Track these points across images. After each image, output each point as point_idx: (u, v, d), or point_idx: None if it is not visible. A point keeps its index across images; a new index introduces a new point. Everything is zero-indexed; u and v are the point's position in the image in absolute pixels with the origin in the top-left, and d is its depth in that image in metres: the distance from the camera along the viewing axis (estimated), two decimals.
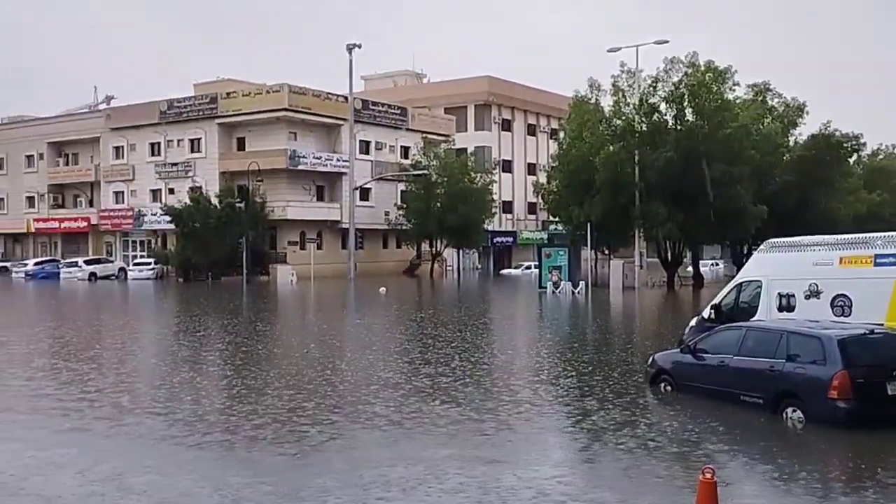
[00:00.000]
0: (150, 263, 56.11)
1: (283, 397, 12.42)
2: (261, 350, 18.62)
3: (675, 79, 39.52)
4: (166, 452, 9.32)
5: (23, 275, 57.10)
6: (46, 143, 66.33)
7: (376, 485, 7.83)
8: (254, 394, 12.82)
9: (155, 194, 59.92)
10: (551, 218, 56.47)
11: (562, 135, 50.39)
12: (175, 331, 23.39)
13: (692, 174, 37.77)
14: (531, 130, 74.77)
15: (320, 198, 58.59)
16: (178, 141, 58.83)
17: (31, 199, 67.73)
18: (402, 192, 59.81)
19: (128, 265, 58.23)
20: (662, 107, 40.43)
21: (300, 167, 55.16)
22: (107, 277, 55.37)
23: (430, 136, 61.77)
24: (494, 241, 67.81)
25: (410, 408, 11.61)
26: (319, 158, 56.61)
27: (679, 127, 39.94)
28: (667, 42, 42.01)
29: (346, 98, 55.28)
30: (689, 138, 38.63)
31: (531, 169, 73.03)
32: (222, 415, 11.29)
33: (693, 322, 15.09)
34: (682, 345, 12.93)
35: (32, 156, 67.45)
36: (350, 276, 49.68)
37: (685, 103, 39.61)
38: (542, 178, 58.14)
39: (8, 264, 63.88)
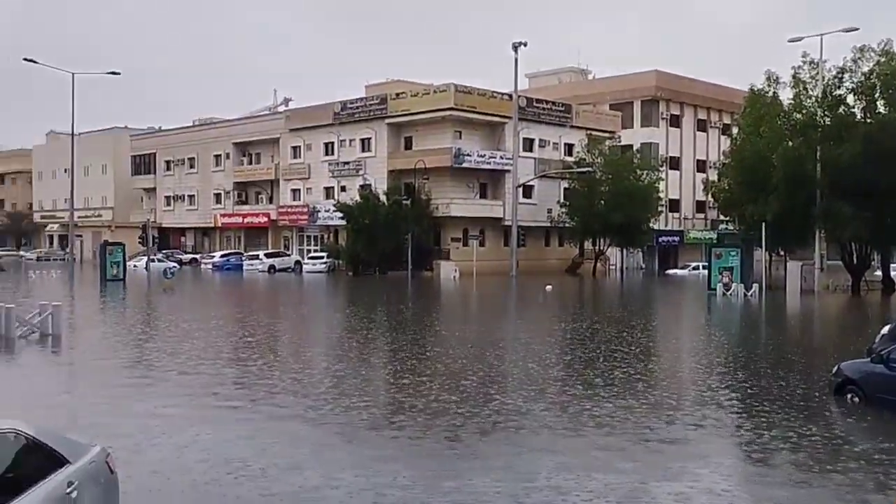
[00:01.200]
0: (322, 257, 59.00)
1: (453, 390, 12.73)
2: (431, 343, 19.15)
3: (866, 69, 36.83)
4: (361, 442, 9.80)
5: (210, 266, 61.79)
6: (232, 144, 71.31)
7: (536, 489, 7.85)
8: (427, 384, 13.22)
9: (328, 192, 62.90)
10: (722, 217, 54.16)
11: (735, 130, 48.21)
12: (350, 322, 24.51)
13: (883, 171, 34.97)
14: (701, 126, 71.92)
15: (483, 195, 59.25)
16: (350, 141, 61.43)
17: (218, 196, 73.04)
18: (564, 189, 59.37)
19: (303, 259, 61.51)
20: (850, 99, 37.79)
21: (464, 165, 56.05)
22: (284, 270, 58.77)
23: (594, 132, 60.88)
24: (660, 240, 65.86)
25: (575, 408, 11.57)
26: (483, 156, 57.26)
27: (869, 120, 37.20)
28: (856, 30, 39.12)
29: (510, 96, 55.54)
30: (881, 132, 35.83)
31: (700, 166, 70.28)
32: (375, 404, 11.74)
33: (885, 330, 14.02)
34: (874, 354, 12.07)
35: (220, 155, 72.70)
36: (512, 273, 49.95)
37: (876, 95, 36.89)
38: (713, 176, 55.86)
39: (198, 256, 69.35)
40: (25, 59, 51.15)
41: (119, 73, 54.29)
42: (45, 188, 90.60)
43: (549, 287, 37.47)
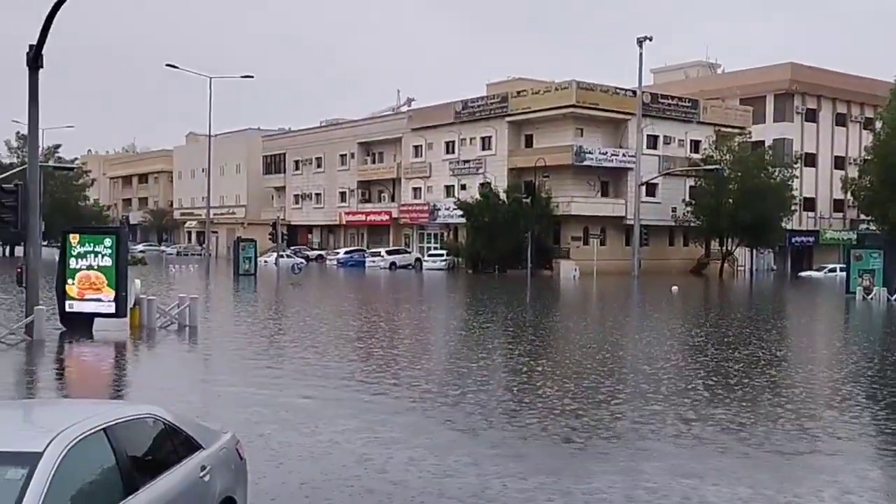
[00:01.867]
0: (442, 255, 59.66)
1: (572, 391, 12.57)
2: (551, 342, 19.00)
3: None
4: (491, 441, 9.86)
5: (335, 262, 63.71)
6: (357, 144, 73.22)
7: (657, 495, 7.62)
8: (546, 384, 13.12)
9: (448, 190, 63.52)
10: (862, 216, 51.06)
11: (878, 124, 45.31)
12: (471, 319, 24.66)
13: None
14: (840, 120, 67.94)
15: (605, 193, 58.23)
16: (471, 139, 61.79)
17: (343, 195, 75.19)
18: (690, 187, 57.51)
19: (423, 256, 62.40)
20: None
21: (585, 163, 55.27)
22: (405, 267, 59.82)
23: (723, 128, 58.67)
24: (793, 240, 62.73)
25: (698, 414, 11.16)
26: (605, 154, 56.27)
27: None
28: None
29: (634, 92, 54.33)
30: None
31: (838, 163, 66.42)
32: (490, 401, 11.70)
33: None
34: None
35: (345, 155, 74.81)
36: (634, 273, 48.86)
37: None
38: (853, 173, 52.71)
39: (323, 253, 71.66)
40: (168, 65, 54.44)
41: (252, 77, 56.99)
42: (185, 187, 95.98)
43: (675, 288, 36.39)
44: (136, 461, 4.63)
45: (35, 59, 17.79)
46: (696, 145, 59.55)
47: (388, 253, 62.43)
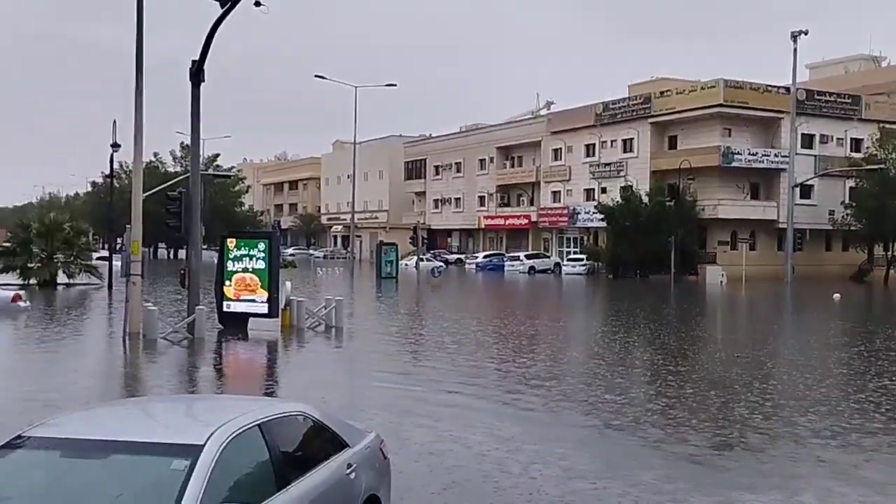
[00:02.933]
0: (582, 259, 58.85)
1: (723, 404, 12.05)
2: (698, 352, 18.32)
3: None
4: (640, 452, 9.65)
5: (474, 266, 64.23)
6: (496, 148, 73.55)
7: None
8: (695, 395, 12.66)
9: (588, 193, 62.60)
10: None
11: None
12: (614, 325, 24.19)
13: None
14: None
15: (755, 196, 55.57)
16: (612, 142, 60.65)
17: (482, 199, 75.72)
18: (850, 189, 53.87)
19: (562, 260, 61.81)
20: None
21: (733, 164, 52.96)
22: (543, 271, 59.46)
23: (888, 125, 54.54)
24: None
25: (846, 425, 10.39)
26: (755, 155, 53.70)
27: None
28: None
29: (787, 89, 51.49)
30: None
31: None
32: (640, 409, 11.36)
33: None
34: None
35: (484, 159, 75.31)
36: (787, 279, 46.28)
37: None
38: None
39: (462, 256, 72.41)
40: (317, 76, 56.80)
41: (396, 85, 58.42)
42: (331, 192, 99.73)
43: (837, 296, 34.17)
44: (287, 456, 4.83)
45: (197, 74, 19.03)
46: (856, 144, 55.75)
47: (527, 257, 62.25)
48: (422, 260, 52.85)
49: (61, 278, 37.67)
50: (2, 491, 4.14)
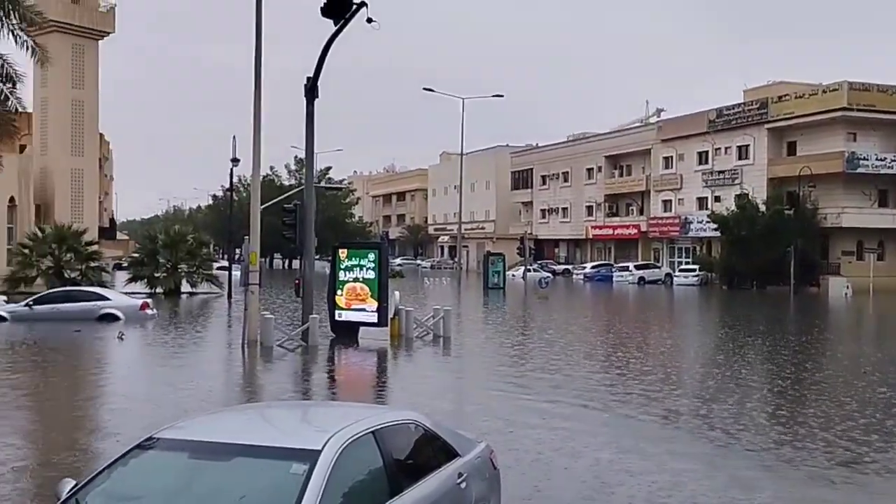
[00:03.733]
0: (694, 270, 57.10)
1: (851, 426, 11.43)
2: (822, 369, 17.46)
3: None
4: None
5: (581, 277, 63.41)
6: (604, 157, 72.50)
7: None
8: (818, 415, 12.07)
9: (701, 202, 60.77)
10: None
11: None
12: (731, 339, 23.38)
13: None
14: None
15: (883, 203, 52.51)
16: (726, 149, 58.69)
17: (589, 209, 74.74)
18: None
19: (673, 271, 60.18)
20: None
21: (859, 170, 50.25)
22: (654, 282, 58.05)
23: None
24: None
25: None
26: (883, 160, 50.79)
27: None
28: None
29: None
30: None
31: None
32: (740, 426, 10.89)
33: None
34: None
35: (592, 169, 74.35)
36: None
37: None
38: None
39: (570, 267, 71.62)
40: (425, 89, 57.62)
41: (503, 96, 58.51)
42: (438, 203, 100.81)
43: None
44: (399, 464, 4.92)
45: (311, 90, 19.68)
46: None
47: (637, 267, 60.94)
48: (529, 270, 52.58)
49: (185, 287, 39.63)
50: (135, 490, 4.41)
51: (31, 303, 25.53)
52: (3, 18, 18.22)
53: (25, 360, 17.27)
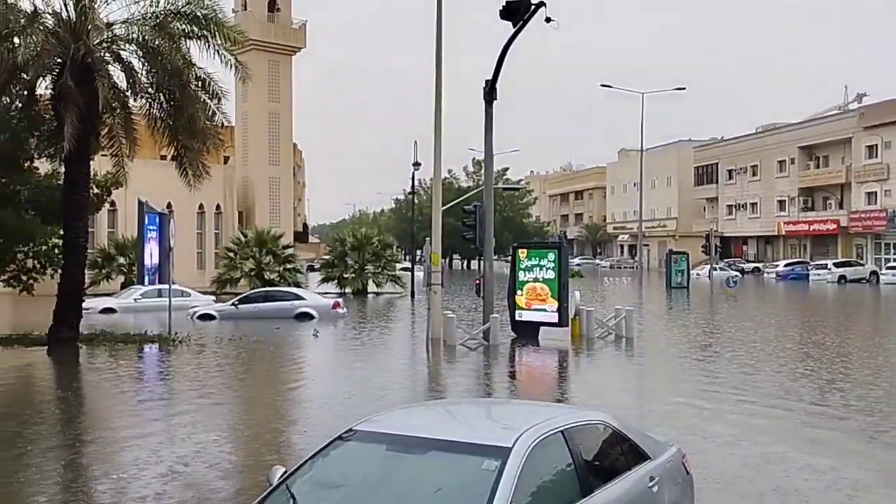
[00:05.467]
0: None
1: None
2: None
3: None
4: None
5: (773, 275, 59.75)
6: (797, 148, 67.93)
7: None
8: None
9: None
10: None
11: None
12: None
13: None
14: None
15: None
16: None
17: (781, 203, 70.31)
18: None
19: (880, 269, 55.33)
20: None
21: None
22: (856, 280, 53.66)
23: None
24: None
25: None
26: None
27: None
28: None
29: None
30: None
31: None
32: None
33: None
34: None
35: (784, 161, 69.90)
36: None
37: None
38: None
39: (760, 265, 67.73)
40: (602, 85, 56.65)
41: (684, 89, 56.36)
42: (617, 201, 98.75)
43: None
44: (589, 465, 4.88)
45: (490, 92, 19.94)
46: None
47: (837, 265, 56.54)
48: (715, 269, 50.21)
49: (371, 287, 41.44)
50: (338, 478, 4.68)
51: (236, 302, 27.73)
52: (210, 39, 19.87)
53: (234, 355, 18.77)
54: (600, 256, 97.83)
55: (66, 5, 19.07)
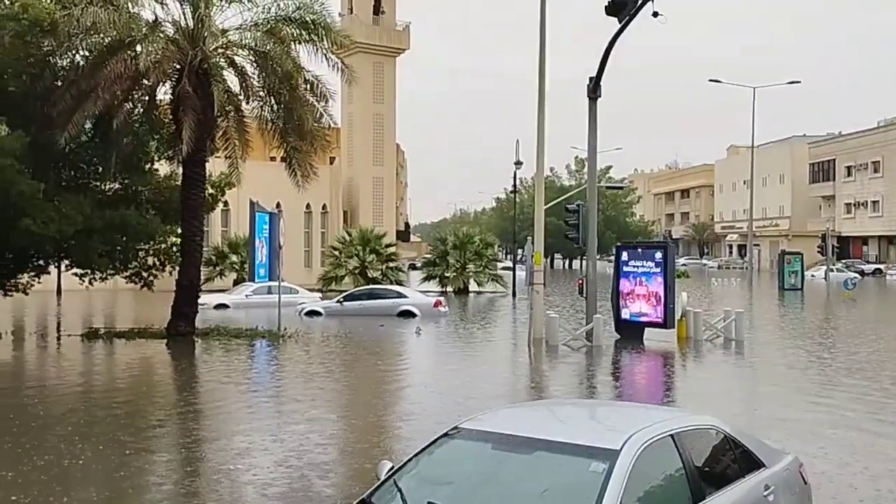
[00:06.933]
0: None
1: None
2: None
3: None
4: None
5: None
6: None
7: None
8: None
9: None
10: None
11: None
12: None
13: None
14: None
15: None
16: None
17: None
18: None
19: None
20: None
21: None
22: None
23: None
24: None
25: None
26: None
27: None
28: None
29: None
30: None
31: None
32: None
33: None
34: None
35: None
36: None
37: None
38: None
39: (881, 266, 64.11)
40: (711, 80, 54.89)
41: (799, 82, 54.00)
42: (725, 200, 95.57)
43: None
44: (700, 470, 4.74)
45: (594, 90, 19.67)
46: None
47: None
48: (832, 270, 47.87)
49: (472, 286, 41.59)
50: (444, 475, 4.71)
51: (341, 300, 28.38)
52: (318, 43, 20.45)
53: (340, 350, 19.23)
54: (707, 257, 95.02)
55: (184, 14, 19.99)
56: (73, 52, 19.13)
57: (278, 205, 40.20)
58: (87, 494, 7.68)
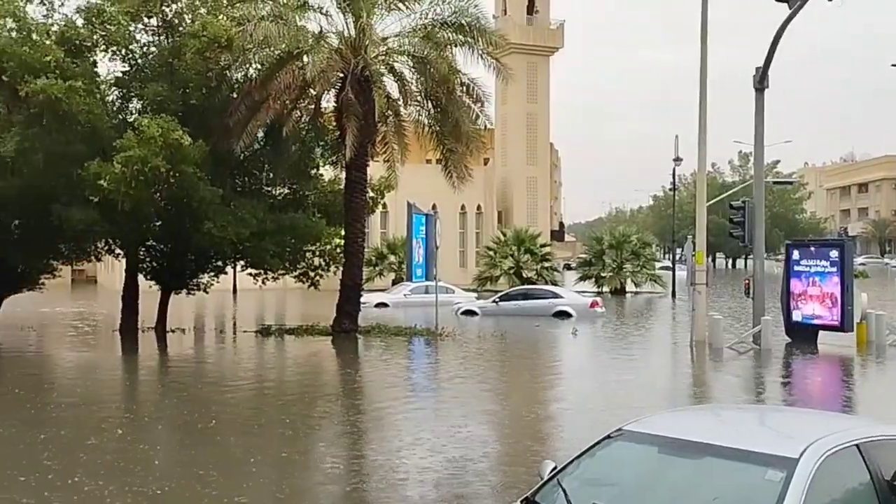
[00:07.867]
0: None
1: None
2: None
3: None
4: None
5: None
6: None
7: None
8: None
9: None
10: None
11: None
12: None
13: None
14: None
15: None
16: None
17: None
18: None
19: None
20: None
21: None
22: None
23: None
24: None
25: None
26: None
27: None
28: None
29: None
30: None
31: None
32: None
33: None
34: None
35: None
36: None
37: None
38: None
39: None
40: (894, 65, 50.70)
41: None
42: None
43: None
44: (891, 485, 4.39)
45: (761, 80, 18.70)
46: None
47: None
48: None
49: (629, 286, 40.65)
50: (608, 477, 4.63)
51: (497, 299, 28.57)
52: (473, 45, 20.71)
53: (496, 350, 19.37)
54: (889, 255, 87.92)
55: (347, 24, 20.82)
56: (247, 65, 20.33)
57: (434, 206, 41.02)
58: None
